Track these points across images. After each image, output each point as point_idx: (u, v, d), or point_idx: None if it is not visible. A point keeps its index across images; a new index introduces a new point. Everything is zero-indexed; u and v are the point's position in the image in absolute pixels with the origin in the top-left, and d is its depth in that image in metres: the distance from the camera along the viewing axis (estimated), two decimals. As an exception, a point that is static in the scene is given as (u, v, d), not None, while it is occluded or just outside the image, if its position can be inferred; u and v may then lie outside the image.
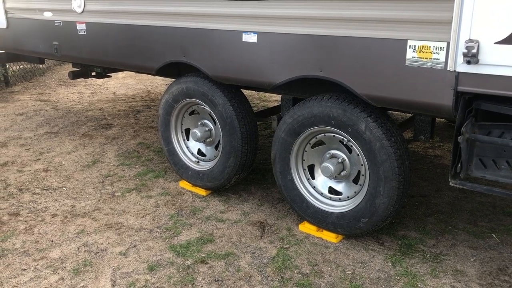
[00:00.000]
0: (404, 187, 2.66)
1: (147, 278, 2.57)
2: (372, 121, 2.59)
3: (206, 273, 2.61)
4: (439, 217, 3.23)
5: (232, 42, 2.98)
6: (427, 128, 2.83)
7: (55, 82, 7.90)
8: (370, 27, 2.39)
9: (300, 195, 3.04)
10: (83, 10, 3.93)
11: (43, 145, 4.73)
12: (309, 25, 2.61)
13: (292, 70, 2.76)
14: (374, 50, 2.41)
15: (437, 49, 2.21)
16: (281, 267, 2.66)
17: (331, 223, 2.91)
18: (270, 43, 2.81)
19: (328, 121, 2.74)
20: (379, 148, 2.59)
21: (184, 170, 3.66)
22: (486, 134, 2.24)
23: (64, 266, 2.68)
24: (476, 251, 2.81)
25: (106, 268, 2.67)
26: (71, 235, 3.02)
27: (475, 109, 2.29)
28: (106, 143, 4.80)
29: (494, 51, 2.06)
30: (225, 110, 3.24)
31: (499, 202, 3.42)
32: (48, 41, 4.44)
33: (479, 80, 2.14)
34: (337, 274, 2.60)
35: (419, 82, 2.30)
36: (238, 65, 3.00)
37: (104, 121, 5.60)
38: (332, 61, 2.58)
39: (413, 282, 2.52)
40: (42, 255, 2.79)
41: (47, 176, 3.95)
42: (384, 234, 2.99)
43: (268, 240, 2.95)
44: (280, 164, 3.06)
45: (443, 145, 4.64)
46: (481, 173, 2.30)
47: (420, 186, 3.71)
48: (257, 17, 2.82)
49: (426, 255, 2.77)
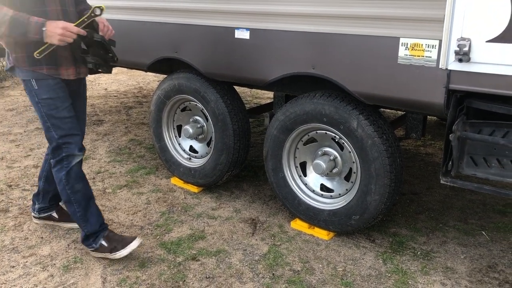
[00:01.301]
0: (396, 185, 2.66)
1: (137, 275, 2.56)
2: (364, 119, 2.60)
3: (197, 270, 2.60)
4: (430, 214, 3.25)
5: (224, 38, 2.96)
6: (418, 126, 2.84)
7: (46, 78, 7.82)
8: (362, 25, 2.39)
9: (292, 192, 3.04)
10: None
11: (33, 141, 4.68)
12: (302, 22, 2.61)
13: (284, 67, 2.75)
14: (367, 48, 2.41)
15: (429, 47, 2.21)
16: (273, 264, 2.66)
17: (322, 220, 2.92)
18: (263, 39, 2.80)
19: (320, 119, 2.74)
20: (370, 146, 2.59)
21: (175, 167, 3.64)
22: (477, 132, 2.25)
23: (54, 263, 2.66)
24: (466, 249, 2.83)
25: (97, 265, 2.65)
26: (61, 231, 3.00)
27: (467, 107, 2.30)
28: (97, 139, 4.77)
29: (486, 49, 2.07)
30: (218, 107, 3.23)
31: (489, 199, 3.45)
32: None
33: (471, 78, 2.15)
34: (328, 271, 2.60)
35: (411, 79, 2.31)
36: (230, 62, 2.99)
37: (96, 117, 5.56)
38: (324, 58, 2.58)
39: (404, 279, 2.53)
40: (31, 252, 2.77)
41: (37, 173, 3.92)
42: (375, 232, 3.00)
43: (259, 237, 2.94)
44: (272, 161, 3.06)
45: (435, 143, 4.66)
46: (472, 171, 2.31)
47: (411, 184, 3.72)
48: (249, 14, 2.81)
49: (417, 252, 2.79)
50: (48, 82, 2.46)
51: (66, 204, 2.65)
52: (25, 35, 2.27)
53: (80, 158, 2.60)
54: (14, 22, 2.24)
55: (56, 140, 2.51)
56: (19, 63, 2.42)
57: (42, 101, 2.46)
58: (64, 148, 2.52)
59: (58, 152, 2.53)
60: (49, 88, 2.46)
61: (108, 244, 2.65)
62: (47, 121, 2.49)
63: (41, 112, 2.48)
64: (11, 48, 2.41)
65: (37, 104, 2.47)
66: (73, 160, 2.56)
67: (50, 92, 2.47)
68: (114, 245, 2.64)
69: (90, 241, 2.67)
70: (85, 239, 2.68)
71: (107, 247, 2.65)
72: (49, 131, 2.51)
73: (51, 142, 2.54)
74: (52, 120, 2.49)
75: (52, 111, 2.47)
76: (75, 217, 2.66)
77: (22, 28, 2.25)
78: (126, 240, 2.67)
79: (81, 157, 2.60)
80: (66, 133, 2.52)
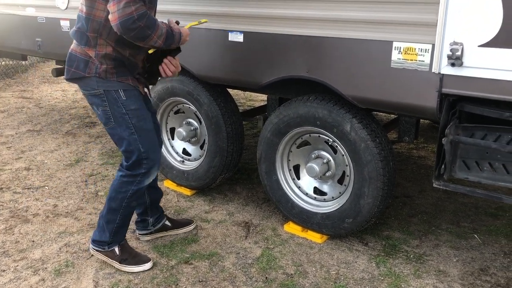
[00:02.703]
0: (389, 188, 2.67)
1: (130, 279, 2.54)
2: (357, 122, 2.60)
3: (190, 274, 2.59)
4: (422, 217, 3.26)
5: (218, 41, 2.96)
6: (411, 129, 2.85)
7: (38, 79, 7.78)
8: (356, 28, 2.40)
9: (285, 195, 3.03)
10: (67, 7, 3.87)
11: (25, 143, 4.65)
12: (296, 26, 2.61)
13: (278, 70, 2.75)
14: (360, 51, 2.42)
15: (422, 51, 2.22)
16: (266, 268, 2.66)
17: (316, 223, 2.92)
18: (257, 42, 2.80)
19: (313, 122, 2.74)
20: (364, 149, 2.60)
21: (168, 170, 3.63)
22: (470, 136, 2.26)
23: (45, 267, 2.64)
24: (458, 252, 2.84)
25: (89, 268, 2.63)
26: (52, 235, 2.97)
27: (459, 111, 2.31)
28: (89, 141, 4.74)
29: (478, 54, 2.09)
30: (211, 110, 3.22)
31: (481, 203, 3.46)
32: (31, 37, 4.36)
33: (463, 82, 2.16)
34: (321, 275, 2.60)
35: (404, 83, 2.32)
36: (224, 65, 2.99)
37: (88, 119, 5.53)
38: (318, 62, 2.58)
39: (397, 282, 2.54)
40: (22, 256, 2.74)
41: (28, 175, 3.89)
42: (368, 235, 3.01)
43: (253, 241, 2.94)
44: (265, 164, 3.06)
45: (427, 146, 4.68)
46: (464, 174, 2.32)
47: (404, 187, 3.74)
48: (243, 17, 2.81)
49: (409, 255, 2.79)
50: (134, 92, 2.43)
51: (110, 210, 2.55)
52: (169, 45, 2.33)
53: (155, 177, 2.58)
54: (168, 34, 2.28)
55: (140, 153, 2.43)
56: (108, 74, 2.35)
57: (130, 112, 2.39)
58: (145, 164, 2.46)
59: (137, 168, 2.47)
60: (136, 98, 2.43)
61: (120, 253, 2.61)
62: (135, 133, 2.41)
63: (128, 124, 2.40)
64: (100, 60, 2.34)
65: (124, 115, 2.39)
66: (148, 179, 2.53)
67: (138, 102, 2.43)
68: (125, 257, 2.61)
69: (103, 245, 2.62)
70: (99, 242, 2.62)
71: (117, 256, 2.61)
72: (134, 143, 2.42)
73: (132, 155, 2.45)
74: (140, 132, 2.42)
75: (141, 122, 2.42)
76: (109, 225, 2.57)
77: (171, 39, 2.31)
78: (140, 258, 2.64)
79: (156, 176, 2.60)
80: (151, 147, 2.47)
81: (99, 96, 2.38)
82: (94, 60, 2.34)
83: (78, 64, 2.37)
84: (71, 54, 2.42)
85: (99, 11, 2.27)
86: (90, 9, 2.28)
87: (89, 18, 2.29)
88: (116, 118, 2.40)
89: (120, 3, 2.09)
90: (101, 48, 2.33)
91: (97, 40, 2.32)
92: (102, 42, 2.33)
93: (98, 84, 2.36)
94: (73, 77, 2.41)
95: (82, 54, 2.36)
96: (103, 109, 2.41)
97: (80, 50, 2.37)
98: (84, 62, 2.36)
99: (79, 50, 2.37)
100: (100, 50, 2.33)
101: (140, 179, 2.49)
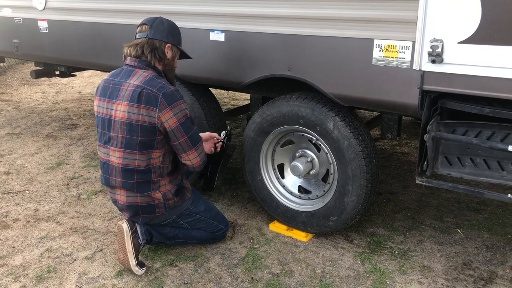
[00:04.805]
0: (372, 185, 2.68)
1: (114, 283, 2.50)
2: (340, 120, 2.60)
3: (175, 276, 2.57)
4: (406, 213, 3.28)
5: (199, 40, 2.93)
6: (394, 126, 2.86)
7: (17, 81, 7.64)
8: (337, 26, 2.40)
9: (270, 195, 3.02)
10: (44, 7, 3.80)
11: (4, 147, 4.55)
12: (277, 24, 2.60)
13: (260, 69, 2.74)
14: (341, 49, 2.42)
15: (403, 48, 2.23)
16: (251, 268, 2.64)
17: (301, 221, 2.91)
18: (238, 41, 2.78)
19: (297, 120, 2.73)
20: (347, 147, 2.60)
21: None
22: (451, 132, 2.28)
23: (27, 273, 2.58)
24: (442, 247, 2.87)
25: (71, 273, 2.58)
26: (34, 240, 2.91)
27: (440, 107, 2.33)
28: (71, 144, 4.66)
29: (458, 50, 2.10)
30: (193, 110, 3.19)
31: (463, 198, 3.50)
32: (7, 38, 4.28)
33: (444, 79, 2.17)
34: (307, 273, 2.60)
35: (385, 81, 2.32)
36: (205, 64, 2.96)
37: (69, 121, 5.45)
38: (300, 60, 2.57)
39: (382, 279, 2.55)
40: (2, 262, 2.68)
41: (8, 179, 3.81)
42: (353, 232, 3.02)
43: (238, 241, 2.92)
44: (249, 163, 3.04)
45: (410, 142, 4.72)
46: (447, 170, 2.34)
47: (388, 183, 3.76)
48: (224, 16, 2.79)
49: (394, 251, 2.81)
50: (193, 194, 2.79)
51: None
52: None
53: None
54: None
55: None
56: (176, 203, 2.63)
57: (203, 213, 2.75)
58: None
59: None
60: (197, 196, 2.81)
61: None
62: (212, 224, 2.79)
63: (205, 220, 2.77)
64: (167, 197, 2.58)
65: (200, 218, 2.75)
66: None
67: (199, 199, 2.82)
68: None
69: (145, 234, 2.68)
70: (144, 231, 2.68)
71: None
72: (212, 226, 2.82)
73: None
74: (210, 215, 2.81)
75: (207, 212, 2.79)
76: (183, 232, 2.78)
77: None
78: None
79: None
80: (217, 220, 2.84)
81: (175, 218, 2.69)
82: (160, 200, 2.56)
83: (145, 210, 2.59)
84: (130, 206, 2.58)
85: (155, 159, 2.50)
86: (149, 161, 2.48)
87: (149, 167, 2.49)
88: (194, 225, 2.76)
89: (198, 148, 2.55)
90: (163, 187, 2.57)
91: (159, 182, 2.56)
92: (164, 182, 2.57)
93: (172, 213, 2.65)
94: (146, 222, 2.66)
95: (145, 202, 2.55)
96: (184, 224, 2.76)
97: (142, 199, 2.55)
98: (150, 206, 2.57)
99: (140, 199, 2.55)
100: (163, 190, 2.56)
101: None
